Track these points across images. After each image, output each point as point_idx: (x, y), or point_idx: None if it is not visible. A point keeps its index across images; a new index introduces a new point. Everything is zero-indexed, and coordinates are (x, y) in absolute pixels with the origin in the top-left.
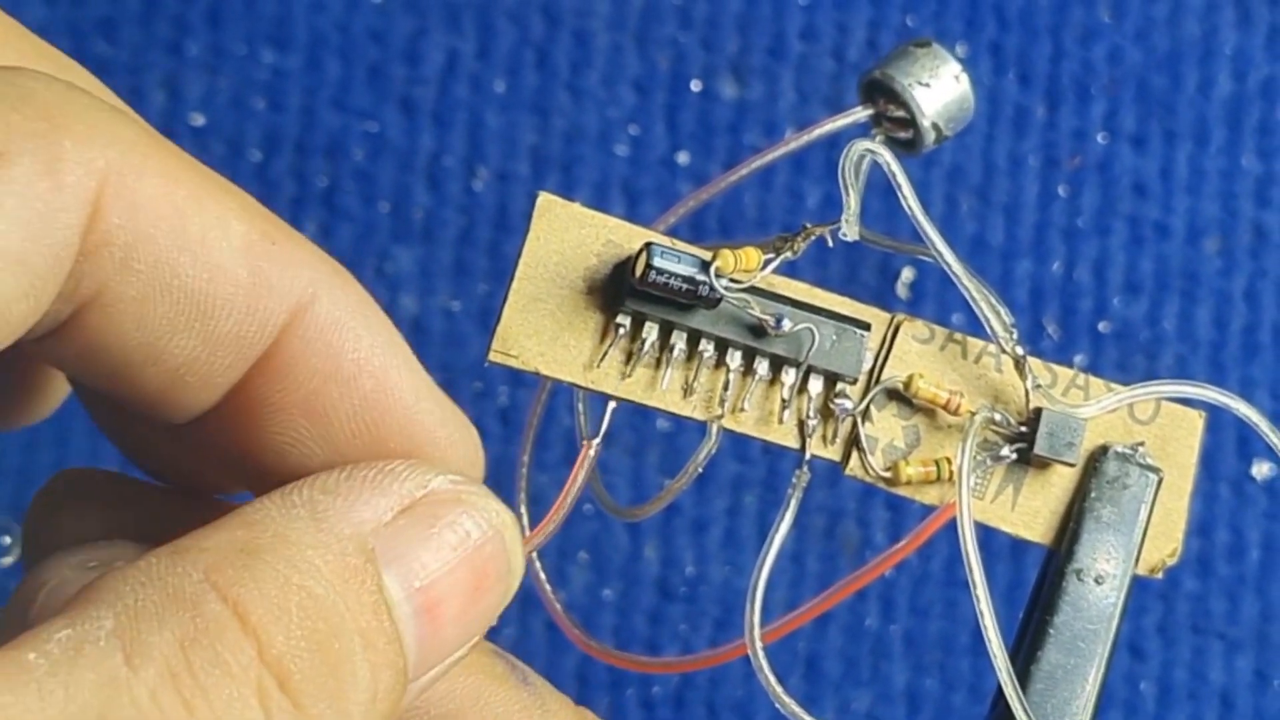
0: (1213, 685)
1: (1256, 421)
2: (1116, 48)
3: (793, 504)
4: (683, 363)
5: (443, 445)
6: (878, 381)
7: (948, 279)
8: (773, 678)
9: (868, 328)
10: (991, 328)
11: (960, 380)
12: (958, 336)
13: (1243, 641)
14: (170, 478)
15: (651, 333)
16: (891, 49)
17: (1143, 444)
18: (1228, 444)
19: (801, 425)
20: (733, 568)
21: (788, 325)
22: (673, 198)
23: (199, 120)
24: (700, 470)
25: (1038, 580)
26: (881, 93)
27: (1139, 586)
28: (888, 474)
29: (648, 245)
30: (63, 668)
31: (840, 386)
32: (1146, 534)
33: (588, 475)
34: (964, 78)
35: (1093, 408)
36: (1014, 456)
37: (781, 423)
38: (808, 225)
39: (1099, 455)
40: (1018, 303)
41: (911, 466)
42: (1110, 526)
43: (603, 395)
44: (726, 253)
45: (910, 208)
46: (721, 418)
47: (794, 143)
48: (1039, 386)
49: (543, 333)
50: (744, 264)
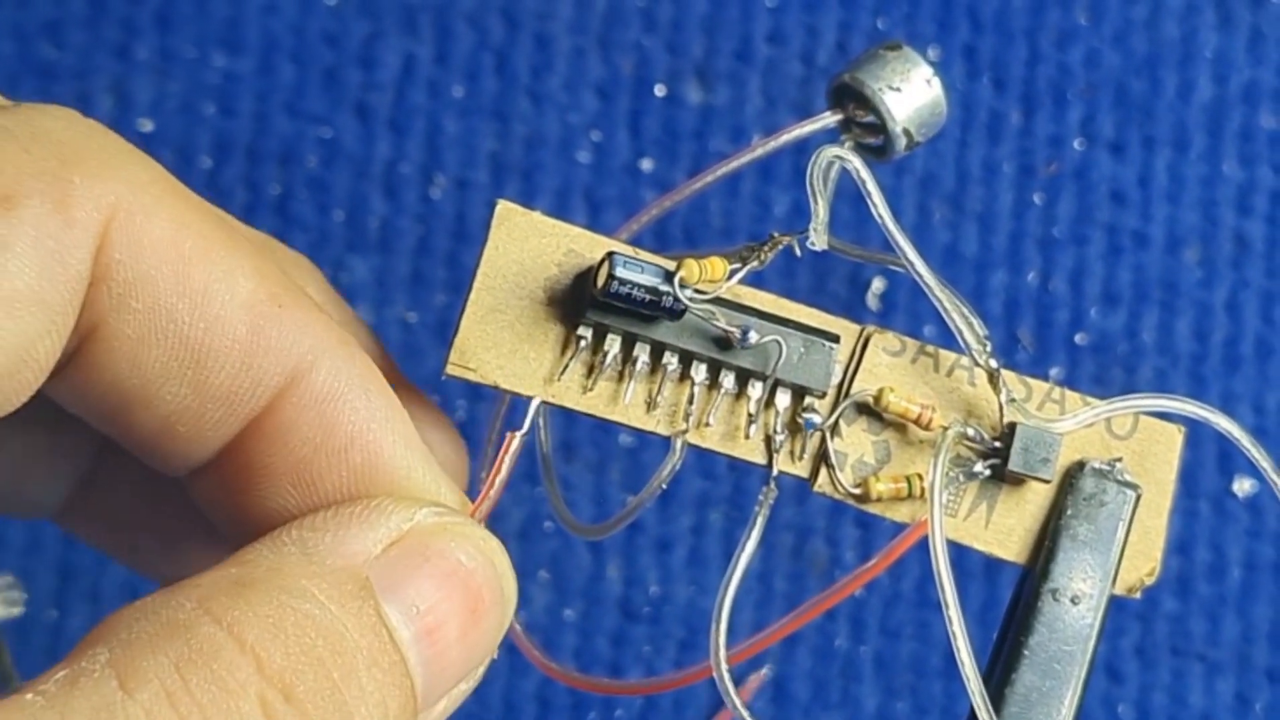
0: (1193, 709)
1: (1238, 436)
2: (1094, 51)
3: (759, 521)
4: (646, 376)
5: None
6: (847, 395)
7: (919, 290)
8: (739, 701)
9: (837, 340)
10: (965, 340)
11: (932, 394)
12: (930, 349)
13: (1224, 664)
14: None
15: (614, 345)
16: (861, 52)
17: (1120, 460)
18: (1208, 459)
19: (769, 440)
20: (698, 587)
21: (754, 337)
22: (636, 206)
23: (148, 126)
24: (664, 487)
25: (1012, 600)
26: (851, 97)
27: (1116, 607)
28: (857, 491)
29: (610, 255)
30: (59, 700)
31: (808, 400)
32: (1124, 552)
33: (511, 467)
34: (936, 82)
35: (1069, 422)
36: (988, 473)
37: (748, 438)
38: (775, 234)
39: (1075, 471)
40: (992, 314)
41: (882, 483)
42: (1087, 545)
43: (564, 410)
44: (691, 263)
45: (880, 216)
46: (686, 432)
47: (761, 149)
48: (1013, 401)
49: (502, 345)
50: (709, 274)
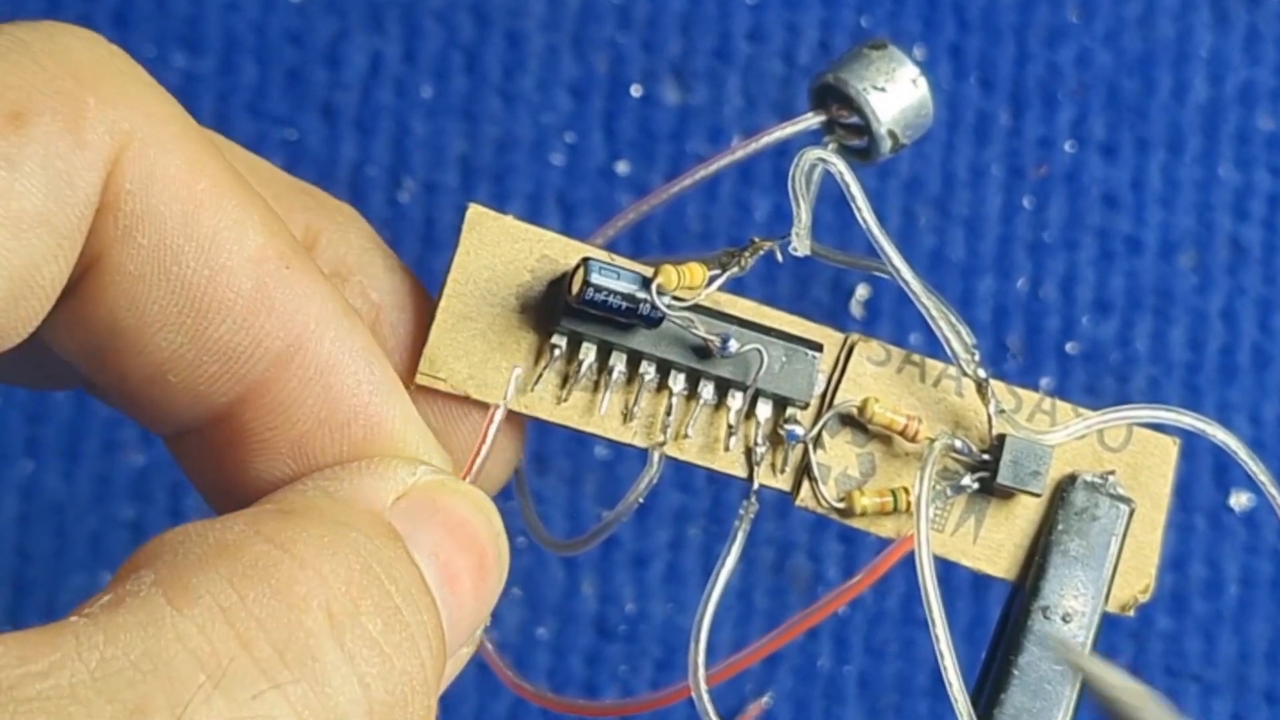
0: None
1: (1235, 448)
2: (1085, 50)
3: (739, 537)
4: (622, 386)
5: None
6: (830, 406)
7: (905, 296)
8: None
9: (820, 349)
10: (952, 349)
11: (918, 405)
12: (916, 358)
13: (1220, 684)
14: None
15: (589, 354)
16: (845, 51)
17: (1113, 473)
18: (1204, 473)
19: (749, 453)
20: (675, 605)
21: (734, 346)
22: (611, 210)
23: None
24: (641, 501)
25: (1001, 618)
26: (834, 98)
27: (1109, 625)
28: (841, 505)
29: (585, 260)
30: (102, 619)
31: (790, 411)
32: (1117, 569)
33: (494, 437)
34: (922, 82)
35: (1060, 434)
36: (976, 486)
37: (728, 450)
38: (756, 239)
39: (1066, 485)
40: (980, 322)
41: (866, 497)
42: (1078, 561)
43: (537, 421)
44: (669, 269)
45: (865, 220)
46: (664, 444)
47: (741, 151)
48: (1003, 411)
49: (473, 354)
50: (688, 280)
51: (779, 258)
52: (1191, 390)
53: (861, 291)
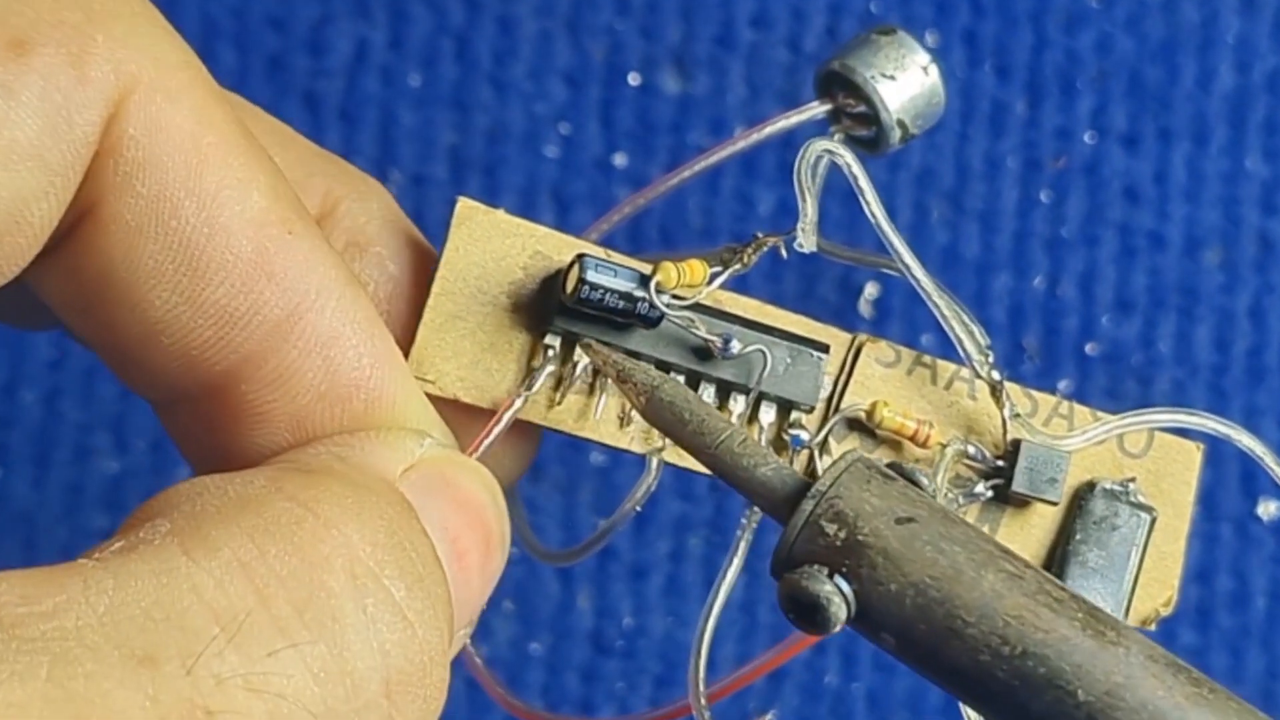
0: None
1: (1262, 454)
2: (1105, 36)
3: (742, 547)
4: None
5: None
6: (837, 410)
7: (916, 295)
8: None
9: (826, 350)
10: (965, 350)
11: (929, 408)
12: (927, 359)
13: (1247, 700)
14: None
15: (584, 355)
16: (852, 37)
17: (1134, 480)
18: (1230, 480)
19: None
20: (675, 618)
21: (737, 347)
22: (608, 204)
23: None
24: (639, 509)
25: None
26: (841, 86)
27: None
28: None
29: (580, 257)
30: (113, 563)
31: (795, 416)
32: (1138, 581)
33: (507, 425)
34: (933, 69)
35: (1078, 439)
36: (990, 494)
37: None
38: (759, 235)
39: (1085, 493)
40: (995, 321)
41: None
42: (1097, 572)
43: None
44: (669, 266)
45: (874, 215)
46: (662, 450)
47: (744, 142)
48: (1018, 416)
49: (462, 355)
50: (688, 278)
51: (784, 254)
52: (1217, 393)
53: (870, 290)
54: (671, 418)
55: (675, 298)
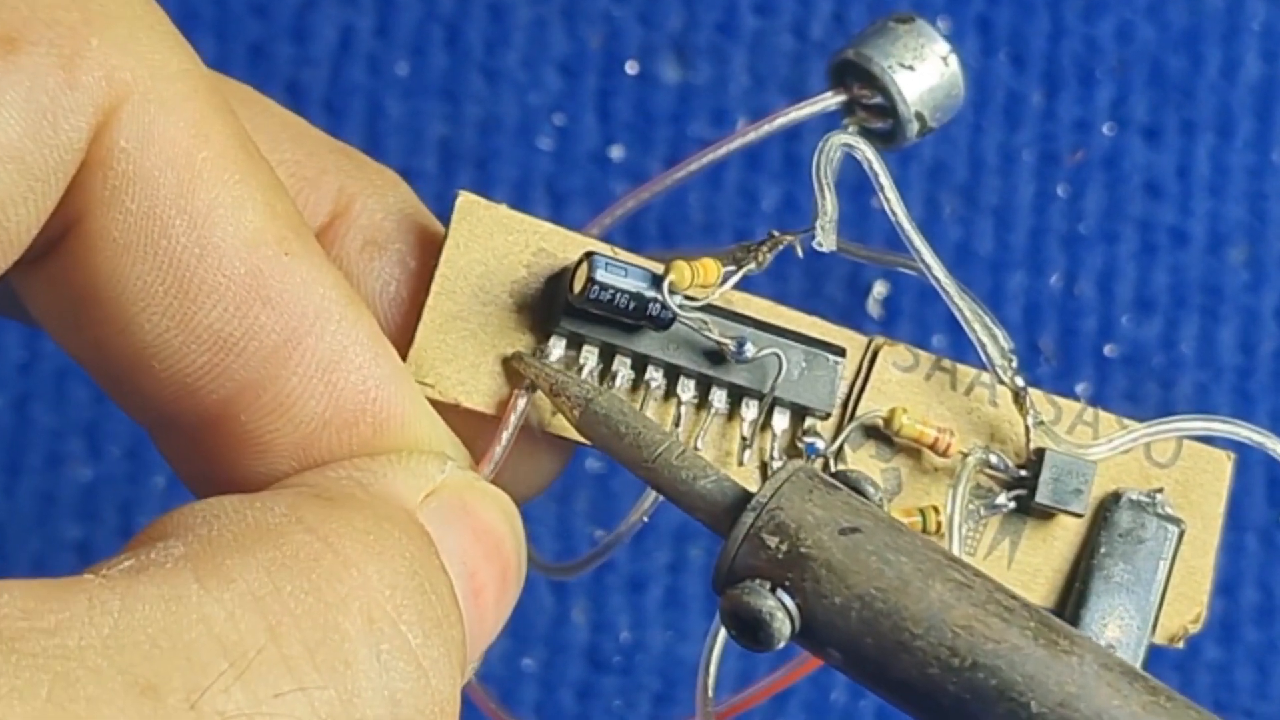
0: None
1: None
2: (1126, 23)
3: None
4: (627, 393)
5: None
6: (853, 417)
7: (928, 295)
8: None
9: (842, 353)
10: (987, 354)
11: (949, 415)
12: (946, 364)
13: (1273, 719)
14: None
15: (591, 358)
16: (867, 25)
17: (1161, 491)
18: (1256, 488)
19: (764, 467)
20: (676, 633)
21: (751, 350)
22: (604, 199)
23: None
24: (646, 519)
25: None
26: (855, 76)
27: (1155, 657)
28: None
29: (589, 255)
30: (121, 583)
31: (810, 422)
32: (1165, 596)
33: (516, 427)
34: (953, 60)
35: (1103, 448)
36: (1012, 505)
37: (741, 464)
38: (775, 233)
39: (1110, 504)
40: (1010, 322)
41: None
42: (1123, 588)
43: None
44: (682, 265)
45: (894, 212)
46: None
47: (748, 135)
48: (1041, 423)
49: (463, 357)
50: (701, 278)
51: (799, 253)
52: (1243, 397)
53: (879, 289)
54: (607, 431)
55: (688, 298)
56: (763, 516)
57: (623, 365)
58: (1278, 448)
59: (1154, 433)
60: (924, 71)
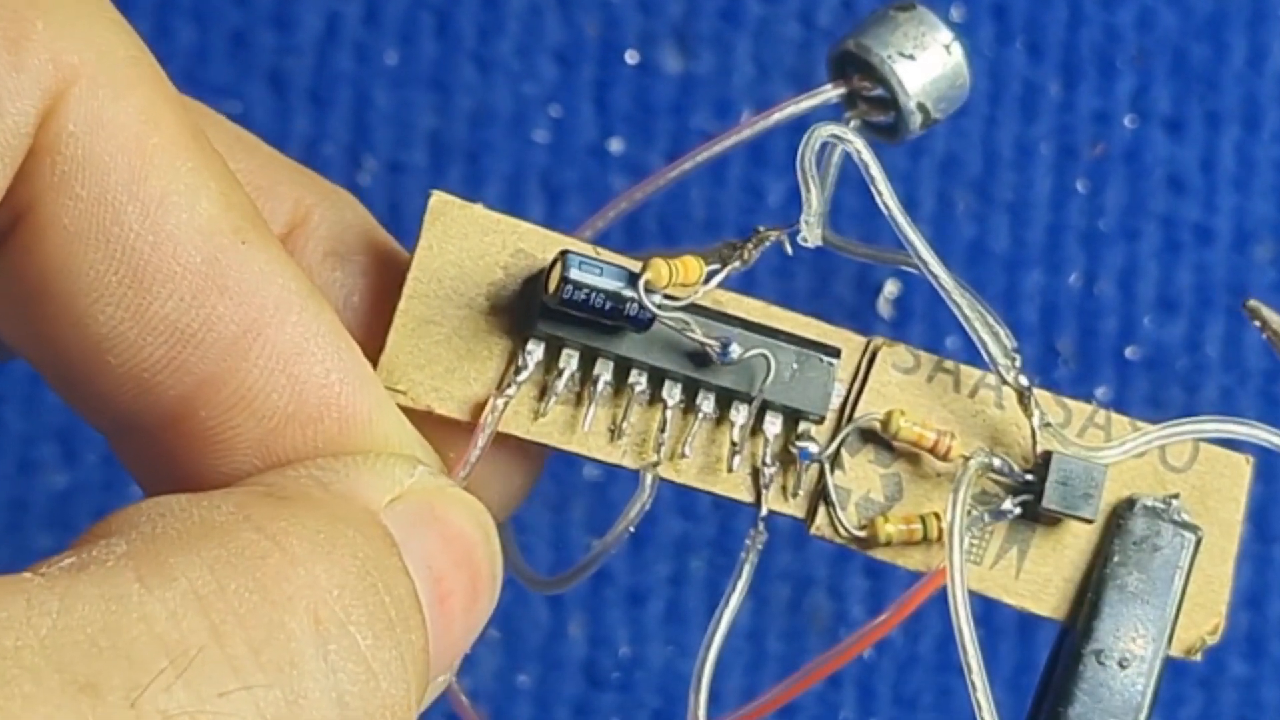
0: None
1: None
2: (1147, 10)
3: (747, 570)
4: (609, 398)
5: None
6: (850, 420)
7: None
8: None
9: (837, 354)
10: (989, 353)
11: (951, 418)
12: (949, 365)
13: None
14: None
15: (570, 362)
16: (869, 13)
17: (1177, 496)
18: None
19: (756, 474)
20: (676, 648)
21: (736, 351)
22: (602, 194)
23: None
24: (632, 530)
25: (1049, 663)
26: (856, 67)
27: (1173, 671)
28: (862, 533)
29: (563, 254)
30: (60, 582)
31: (804, 427)
32: (1182, 607)
33: (490, 435)
34: (956, 48)
35: (1115, 451)
36: (1018, 512)
37: (731, 471)
38: (760, 229)
39: (1124, 510)
40: (1026, 322)
41: (891, 524)
42: (1137, 598)
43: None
44: (659, 263)
45: (886, 205)
46: (658, 465)
47: (752, 129)
48: (1049, 425)
49: (437, 362)
50: (681, 276)
51: (788, 249)
52: (1269, 401)
53: (890, 288)
54: None
55: (668, 298)
56: None
57: (604, 369)
58: None
59: (1169, 435)
60: (926, 61)
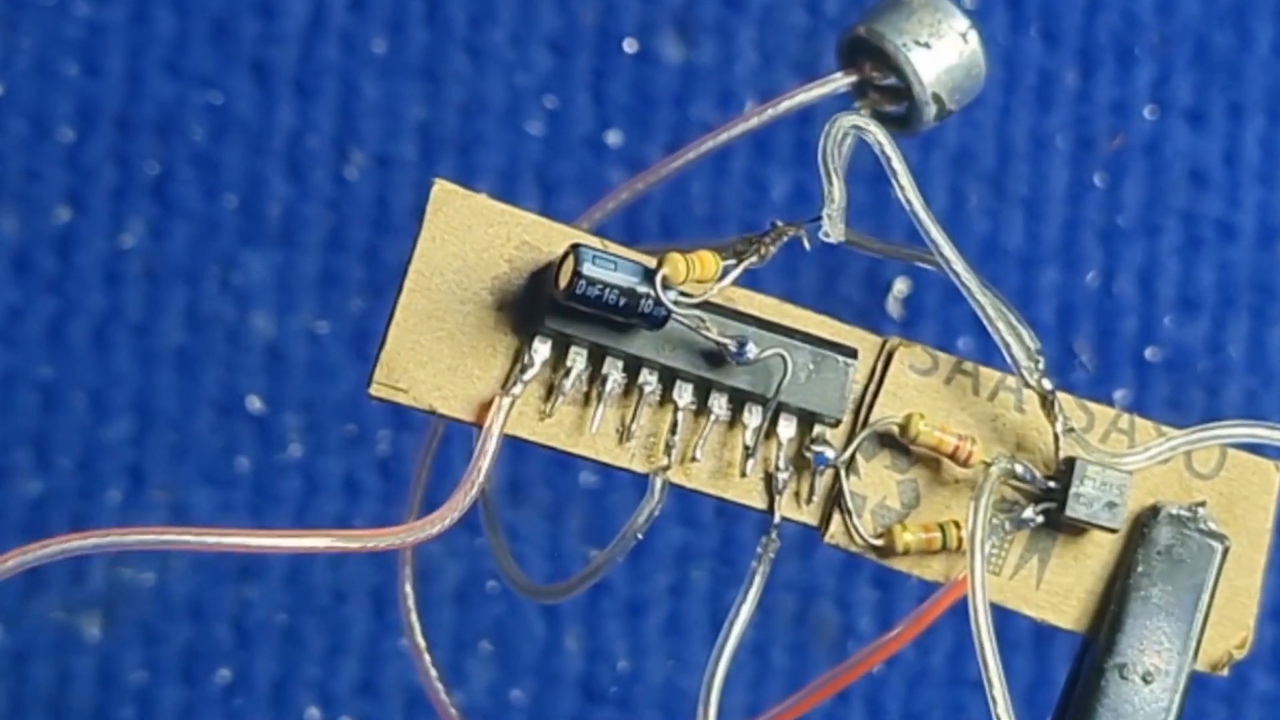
0: None
1: None
2: None
3: (757, 580)
4: (618, 398)
5: None
6: (866, 424)
7: (953, 292)
8: None
9: (854, 355)
10: (1012, 355)
11: (971, 422)
12: (968, 366)
13: None
14: None
15: (578, 360)
16: None
17: (1203, 504)
18: None
19: (769, 479)
20: (677, 662)
21: (753, 351)
22: (600, 188)
23: None
24: (640, 537)
25: (1070, 678)
26: (868, 54)
27: (1198, 686)
28: (879, 541)
29: (575, 248)
30: None
31: (819, 430)
32: (1208, 619)
33: (499, 438)
34: (973, 36)
35: (1140, 457)
36: (1040, 520)
37: (744, 476)
38: (778, 223)
39: (1148, 519)
40: (1042, 322)
41: (909, 532)
42: (1162, 610)
43: (516, 440)
44: (676, 258)
45: (908, 201)
46: (667, 469)
47: (756, 119)
48: (1072, 430)
49: (439, 360)
50: (698, 272)
51: (805, 245)
52: None
53: (900, 286)
54: None
55: (683, 294)
56: None
57: (614, 368)
58: None
59: (1195, 441)
60: (941, 49)
